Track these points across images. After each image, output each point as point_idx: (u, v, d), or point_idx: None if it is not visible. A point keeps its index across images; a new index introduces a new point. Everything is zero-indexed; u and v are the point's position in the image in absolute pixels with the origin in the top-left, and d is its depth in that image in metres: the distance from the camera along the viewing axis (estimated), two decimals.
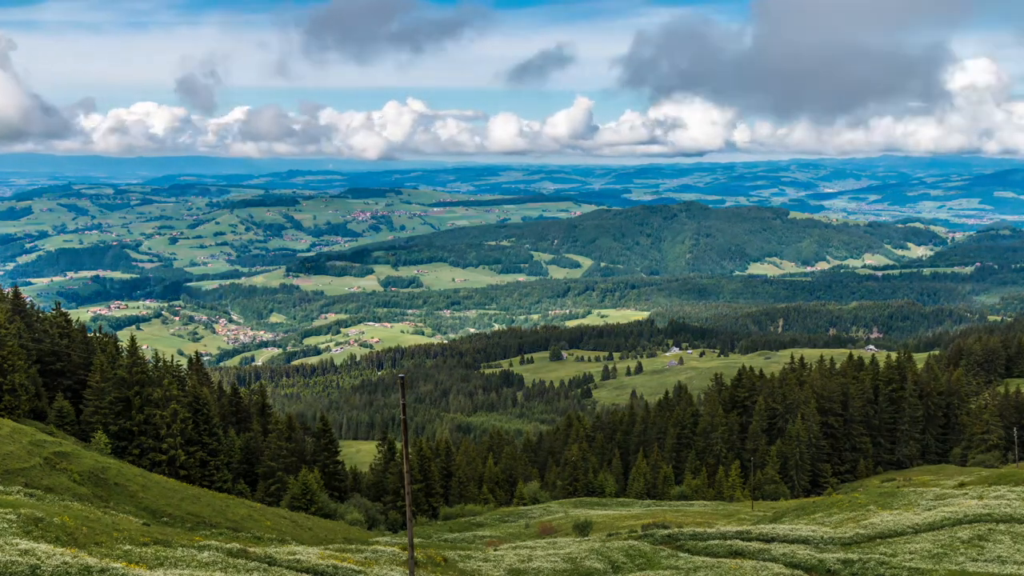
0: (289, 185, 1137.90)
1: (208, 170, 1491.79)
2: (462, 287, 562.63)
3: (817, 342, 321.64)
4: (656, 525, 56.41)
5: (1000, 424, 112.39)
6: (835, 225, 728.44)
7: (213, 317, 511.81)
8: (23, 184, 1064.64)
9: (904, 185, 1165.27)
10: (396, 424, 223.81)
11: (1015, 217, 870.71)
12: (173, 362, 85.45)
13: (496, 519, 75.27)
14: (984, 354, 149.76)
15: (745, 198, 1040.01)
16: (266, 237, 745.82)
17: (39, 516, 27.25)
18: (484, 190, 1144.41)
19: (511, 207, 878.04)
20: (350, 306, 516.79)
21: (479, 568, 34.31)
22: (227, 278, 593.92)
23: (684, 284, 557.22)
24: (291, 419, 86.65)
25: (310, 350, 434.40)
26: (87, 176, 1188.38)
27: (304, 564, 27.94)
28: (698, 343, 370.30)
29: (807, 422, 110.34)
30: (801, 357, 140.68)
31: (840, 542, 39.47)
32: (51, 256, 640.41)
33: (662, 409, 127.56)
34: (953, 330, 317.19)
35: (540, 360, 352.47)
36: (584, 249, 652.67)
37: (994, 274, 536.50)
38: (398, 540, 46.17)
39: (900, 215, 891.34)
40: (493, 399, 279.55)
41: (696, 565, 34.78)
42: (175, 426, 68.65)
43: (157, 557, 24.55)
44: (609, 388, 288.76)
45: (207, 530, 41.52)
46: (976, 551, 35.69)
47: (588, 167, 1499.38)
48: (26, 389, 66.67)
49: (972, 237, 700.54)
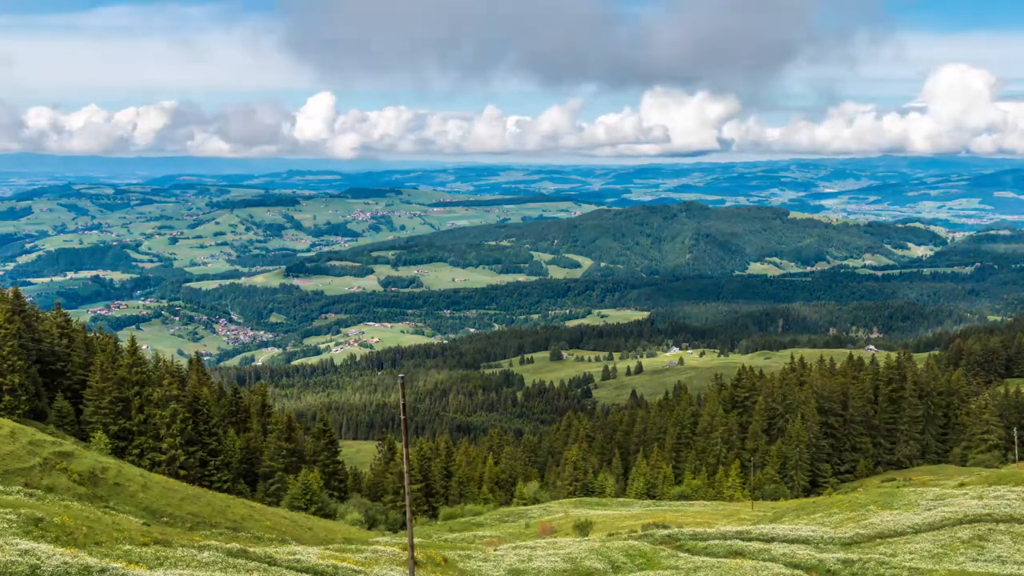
0: (289, 185, 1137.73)
1: (208, 170, 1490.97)
2: (462, 287, 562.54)
3: (817, 342, 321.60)
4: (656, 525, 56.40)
5: (1000, 424, 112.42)
6: (835, 225, 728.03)
7: (213, 317, 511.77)
8: (23, 184, 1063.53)
9: (904, 185, 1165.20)
10: (396, 424, 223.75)
11: (1015, 217, 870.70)
12: (173, 362, 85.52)
13: (496, 519, 75.24)
14: (984, 354, 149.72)
15: (745, 198, 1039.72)
16: (266, 237, 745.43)
17: (39, 516, 27.25)
18: (484, 190, 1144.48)
19: (511, 207, 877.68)
20: (350, 306, 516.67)
21: (479, 568, 34.31)
22: (227, 278, 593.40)
23: (684, 284, 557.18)
24: (291, 419, 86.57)
25: (310, 350, 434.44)
26: (87, 176, 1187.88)
27: (304, 564, 27.94)
28: (698, 343, 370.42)
29: (807, 422, 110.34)
30: (801, 357, 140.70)
31: (840, 542, 39.48)
32: (51, 256, 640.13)
33: (662, 409, 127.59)
34: (953, 330, 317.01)
35: (540, 360, 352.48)
36: (584, 249, 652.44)
37: (994, 274, 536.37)
38: (398, 540, 46.14)
39: (900, 215, 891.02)
40: (493, 399, 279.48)
41: (696, 565, 34.78)
42: (175, 426, 68.64)
43: (157, 557, 24.55)
44: (609, 388, 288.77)
45: (207, 530, 41.51)
46: (976, 551, 35.70)
47: (588, 167, 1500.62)
48: (26, 389, 66.67)
49: (972, 237, 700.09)
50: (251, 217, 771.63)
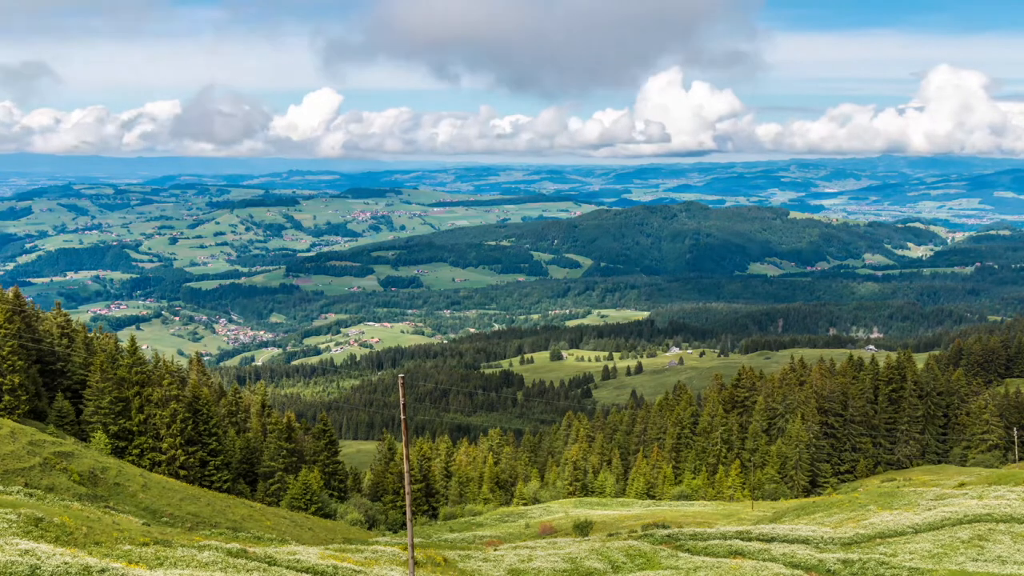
0: (289, 185, 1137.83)
1: (208, 170, 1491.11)
2: (462, 287, 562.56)
3: (817, 342, 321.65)
4: (656, 525, 56.45)
5: (1000, 424, 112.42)
6: (835, 225, 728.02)
7: (213, 317, 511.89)
8: (23, 184, 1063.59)
9: (904, 185, 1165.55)
10: (396, 424, 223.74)
11: (1015, 217, 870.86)
12: (173, 362, 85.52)
13: (496, 519, 75.27)
14: (984, 354, 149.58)
15: (745, 198, 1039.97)
16: (266, 237, 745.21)
17: (39, 516, 27.26)
18: (484, 190, 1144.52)
19: (511, 207, 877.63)
20: (350, 306, 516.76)
21: (479, 568, 34.31)
22: (227, 278, 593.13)
23: (684, 284, 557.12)
24: (291, 419, 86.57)
25: (310, 350, 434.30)
26: (87, 176, 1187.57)
27: (304, 564, 27.95)
28: (698, 343, 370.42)
29: (807, 422, 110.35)
30: (801, 357, 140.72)
31: (840, 542, 39.49)
32: (51, 256, 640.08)
33: (662, 409, 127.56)
34: (953, 330, 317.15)
35: (540, 360, 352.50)
36: (584, 249, 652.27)
37: (994, 274, 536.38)
38: (398, 540, 46.17)
39: (900, 215, 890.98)
40: (493, 399, 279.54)
41: (696, 565, 34.78)
42: (175, 426, 68.64)
43: (157, 557, 24.55)
44: (609, 388, 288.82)
45: (207, 530, 41.51)
46: (976, 551, 35.70)
47: (588, 167, 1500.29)
48: (26, 389, 66.67)
49: (972, 237, 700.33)
50: (251, 217, 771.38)
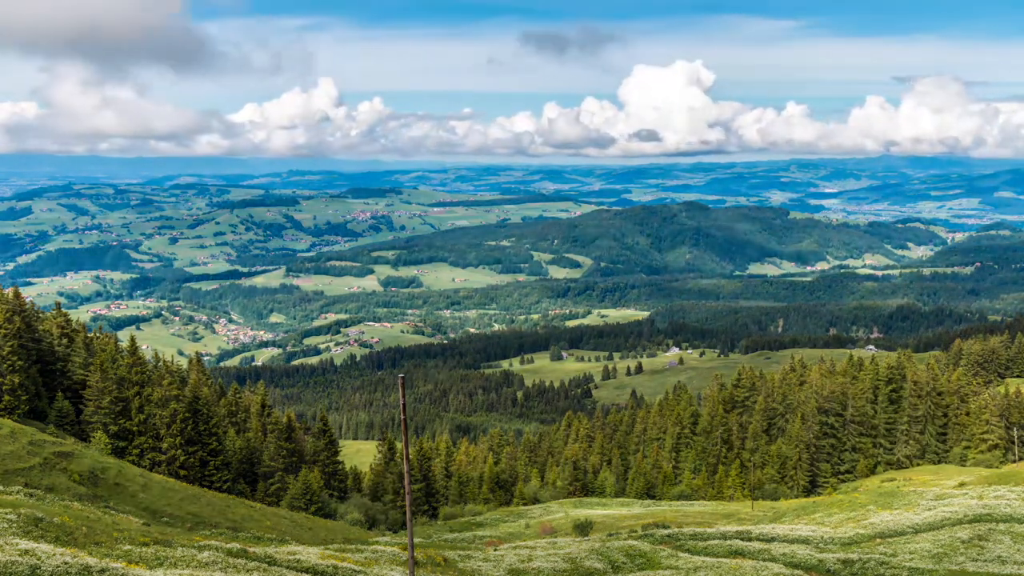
0: (289, 185, 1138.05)
1: (208, 170, 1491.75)
2: (462, 287, 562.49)
3: (817, 342, 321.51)
4: (656, 525, 56.41)
5: (1000, 424, 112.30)
6: (835, 225, 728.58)
7: (213, 317, 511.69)
8: (23, 184, 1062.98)
9: (904, 185, 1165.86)
10: (396, 424, 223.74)
11: (1015, 217, 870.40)
12: (173, 362, 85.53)
13: (496, 519, 75.23)
14: (984, 354, 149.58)
15: (745, 198, 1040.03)
16: (266, 237, 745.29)
17: (39, 516, 27.26)
18: (484, 190, 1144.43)
19: (511, 207, 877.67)
20: (350, 306, 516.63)
21: (479, 568, 34.29)
22: (227, 278, 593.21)
23: (684, 284, 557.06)
24: (291, 419, 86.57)
25: (310, 350, 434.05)
26: (87, 176, 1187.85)
27: (304, 564, 27.93)
28: (698, 343, 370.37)
29: (807, 422, 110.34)
30: (801, 357, 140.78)
31: (840, 542, 39.49)
32: (51, 256, 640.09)
33: (662, 409, 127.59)
34: (953, 330, 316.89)
35: (540, 360, 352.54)
36: (584, 249, 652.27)
37: (994, 274, 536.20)
38: (398, 540, 46.12)
39: (900, 215, 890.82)
40: (493, 399, 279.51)
41: (696, 565, 34.76)
42: (175, 426, 68.63)
43: (157, 557, 24.54)
44: (609, 388, 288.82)
45: (207, 530, 41.50)
46: (976, 551, 35.69)
47: (588, 167, 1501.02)
48: (26, 389, 66.68)
49: (972, 237, 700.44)
50: (251, 217, 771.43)
